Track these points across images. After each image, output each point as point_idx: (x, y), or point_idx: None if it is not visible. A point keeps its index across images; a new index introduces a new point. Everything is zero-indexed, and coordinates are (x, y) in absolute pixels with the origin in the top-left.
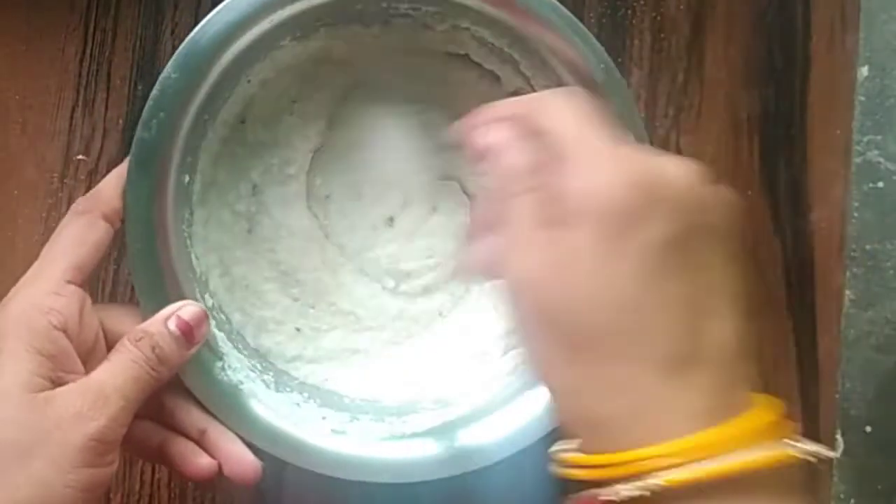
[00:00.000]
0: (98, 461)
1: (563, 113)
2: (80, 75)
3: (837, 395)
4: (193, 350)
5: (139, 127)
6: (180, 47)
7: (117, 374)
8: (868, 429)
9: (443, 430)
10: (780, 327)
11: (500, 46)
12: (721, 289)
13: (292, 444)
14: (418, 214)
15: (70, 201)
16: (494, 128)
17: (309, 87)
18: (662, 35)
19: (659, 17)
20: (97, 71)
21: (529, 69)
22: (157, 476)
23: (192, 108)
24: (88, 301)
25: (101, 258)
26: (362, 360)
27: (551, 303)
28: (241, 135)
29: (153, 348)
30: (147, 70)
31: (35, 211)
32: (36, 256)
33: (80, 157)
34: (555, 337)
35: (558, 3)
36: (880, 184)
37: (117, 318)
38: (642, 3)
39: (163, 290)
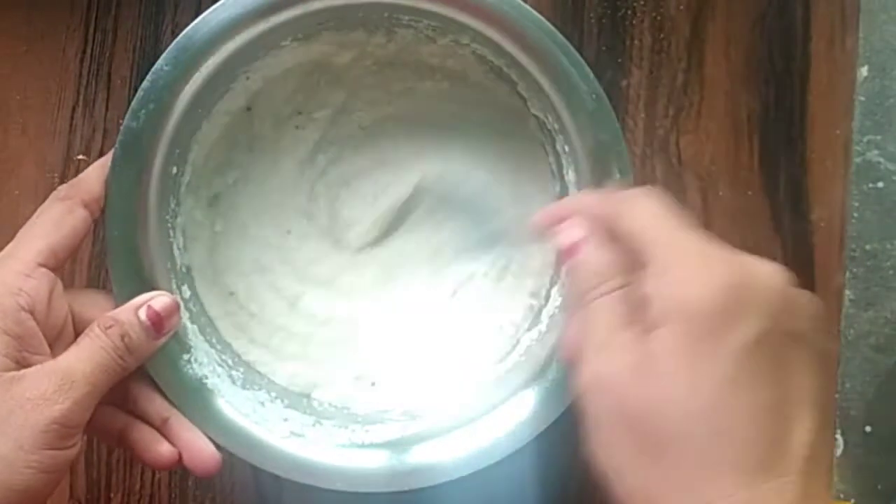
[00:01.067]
0: (60, 444)
1: (647, 214)
2: (80, 75)
3: (837, 395)
4: (163, 340)
5: (127, 116)
6: (174, 41)
7: (85, 359)
8: (868, 429)
9: (403, 443)
10: None
11: (499, 66)
12: (807, 396)
13: (248, 441)
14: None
15: None
16: (577, 226)
17: (311, 103)
18: (662, 35)
19: (659, 18)
20: (97, 71)
21: (526, 91)
22: (157, 476)
23: (184, 101)
24: (59, 285)
25: (77, 245)
26: (336, 365)
27: (633, 405)
28: (244, 124)
29: (122, 337)
30: (147, 70)
31: (36, 211)
32: None
33: (80, 157)
34: (633, 440)
35: (554, 29)
36: (880, 184)
37: (87, 303)
38: (642, 3)
39: (138, 279)
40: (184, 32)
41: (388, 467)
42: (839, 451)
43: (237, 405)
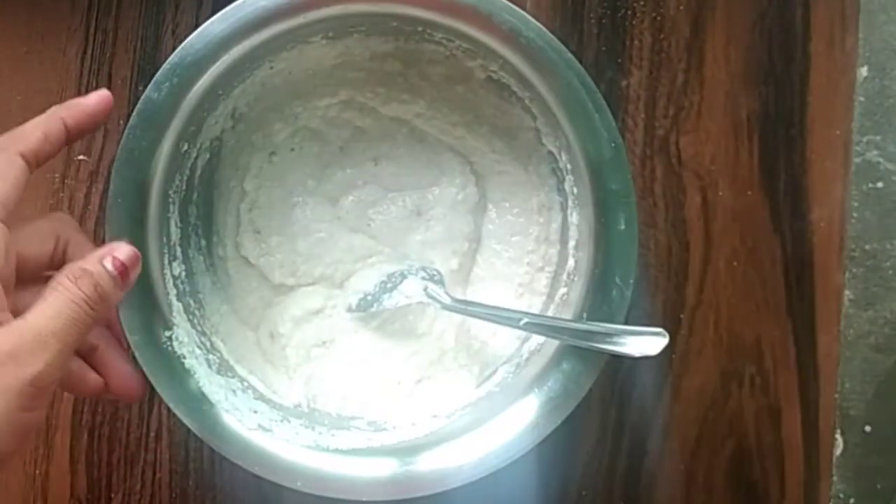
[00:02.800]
0: (33, 405)
1: None
2: (81, 76)
3: (837, 395)
4: (123, 294)
5: (150, 86)
6: (207, 22)
7: (55, 315)
8: (867, 428)
9: (366, 454)
10: (780, 327)
11: (523, 98)
12: None
13: (213, 427)
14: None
15: (71, 201)
16: None
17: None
18: (662, 36)
19: (659, 18)
20: (98, 71)
21: (544, 126)
22: (157, 476)
23: (206, 80)
24: (9, 237)
25: (20, 196)
26: (312, 366)
27: None
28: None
29: (95, 287)
30: (148, 71)
31: (36, 211)
32: None
33: (81, 157)
34: None
35: (584, 72)
36: (880, 184)
37: (21, 240)
38: (642, 3)
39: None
40: (218, 15)
41: (350, 475)
42: (839, 451)
43: (210, 390)
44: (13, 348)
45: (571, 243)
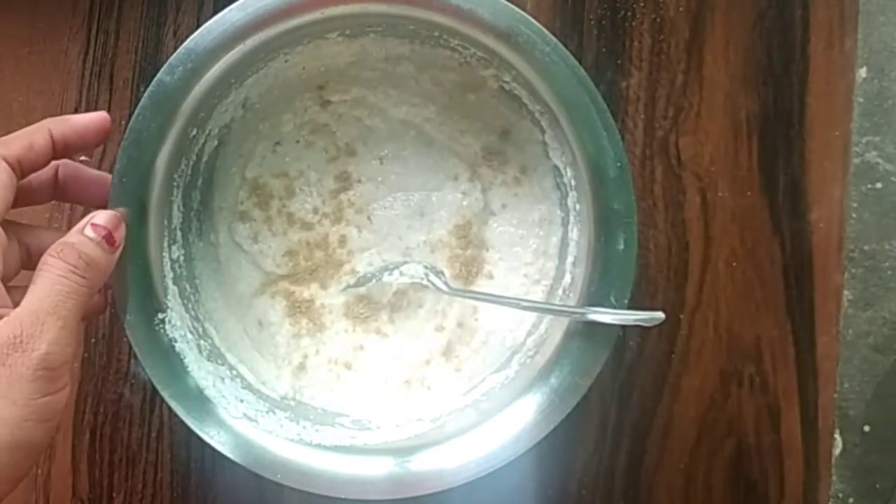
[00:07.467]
0: (50, 388)
1: None
2: (82, 77)
3: (836, 395)
4: (117, 254)
5: (163, 68)
6: (226, 10)
7: (46, 295)
8: (866, 428)
9: (347, 451)
10: (780, 327)
11: (533, 110)
12: None
13: (199, 412)
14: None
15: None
16: None
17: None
18: (662, 37)
19: (658, 19)
20: (100, 72)
21: (552, 141)
22: (159, 476)
23: (220, 67)
24: (3, 237)
25: (11, 199)
26: (301, 357)
27: None
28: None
29: (79, 255)
30: (149, 72)
31: (38, 211)
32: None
33: (82, 157)
34: None
35: (596, 90)
36: (878, 184)
37: (47, 239)
38: (642, 4)
39: (135, 231)
40: (235, 5)
41: (329, 471)
42: (838, 451)
43: (199, 375)
44: (15, 337)
45: (570, 259)
